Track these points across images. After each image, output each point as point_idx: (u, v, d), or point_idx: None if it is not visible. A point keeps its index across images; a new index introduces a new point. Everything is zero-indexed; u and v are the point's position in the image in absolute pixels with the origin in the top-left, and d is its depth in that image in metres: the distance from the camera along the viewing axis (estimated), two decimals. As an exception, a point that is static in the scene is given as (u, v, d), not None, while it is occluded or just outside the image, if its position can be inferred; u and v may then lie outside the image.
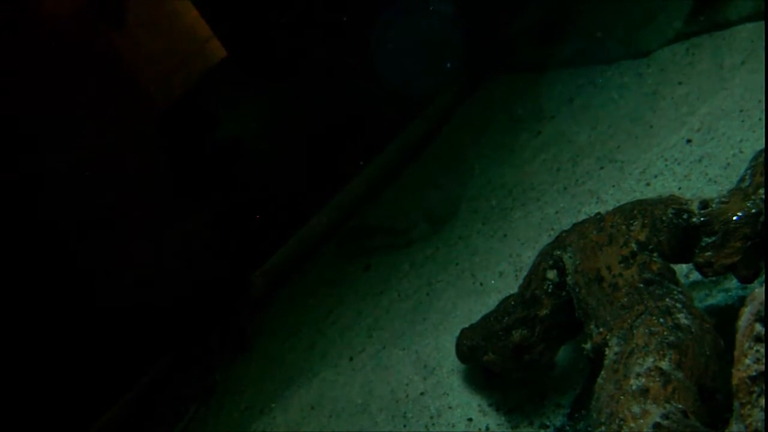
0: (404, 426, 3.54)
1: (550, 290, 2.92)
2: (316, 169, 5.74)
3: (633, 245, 2.60)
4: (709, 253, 2.49)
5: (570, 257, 2.79)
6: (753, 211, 2.41)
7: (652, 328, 2.29)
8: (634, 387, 2.14)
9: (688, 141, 3.81)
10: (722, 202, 2.51)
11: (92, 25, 5.11)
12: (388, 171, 5.89)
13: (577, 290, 2.69)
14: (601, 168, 4.25)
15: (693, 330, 2.27)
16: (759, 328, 1.88)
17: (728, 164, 3.46)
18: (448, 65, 5.82)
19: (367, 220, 5.61)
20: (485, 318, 3.23)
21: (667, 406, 2.05)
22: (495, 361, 3.11)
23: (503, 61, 6.06)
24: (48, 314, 4.88)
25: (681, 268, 2.89)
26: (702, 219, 2.52)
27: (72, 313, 4.95)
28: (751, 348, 1.89)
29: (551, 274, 2.90)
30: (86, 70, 5.12)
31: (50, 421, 4.81)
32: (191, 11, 5.42)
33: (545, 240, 3.26)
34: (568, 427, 3.04)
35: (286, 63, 5.66)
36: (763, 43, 4.03)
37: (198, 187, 5.55)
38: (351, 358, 4.25)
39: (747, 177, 2.53)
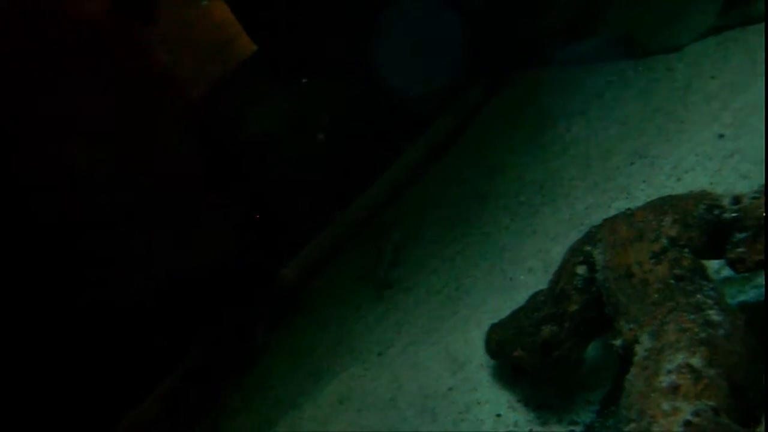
0: (433, 421, 3.55)
1: (579, 286, 2.91)
2: (344, 166, 5.75)
3: (664, 241, 2.58)
4: (741, 249, 2.48)
5: (600, 253, 2.78)
6: (786, 207, 2.39)
7: (683, 325, 2.28)
8: (664, 384, 2.13)
9: (720, 136, 3.77)
10: (754, 198, 2.49)
11: (123, 21, 5.16)
12: (414, 168, 5.89)
13: (607, 286, 2.68)
14: (632, 163, 4.22)
15: (724, 326, 2.26)
16: (792, 324, 1.87)
17: (760, 160, 3.42)
18: (475, 61, 5.80)
19: (395, 216, 5.62)
20: (514, 313, 3.23)
21: (698, 403, 2.04)
22: (524, 357, 3.11)
23: (532, 56, 6.03)
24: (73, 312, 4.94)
25: (712, 264, 2.86)
26: (734, 215, 2.50)
27: (102, 307, 5.01)
28: (784, 345, 1.87)
29: (581, 270, 2.89)
30: (116, 66, 5.17)
31: (76, 415, 4.86)
32: (221, 6, 5.45)
33: (574, 236, 3.25)
34: (597, 424, 3.03)
35: (308, 61, 5.67)
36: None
37: (230, 182, 5.58)
38: (380, 353, 4.27)
39: (780, 172, 2.51)
